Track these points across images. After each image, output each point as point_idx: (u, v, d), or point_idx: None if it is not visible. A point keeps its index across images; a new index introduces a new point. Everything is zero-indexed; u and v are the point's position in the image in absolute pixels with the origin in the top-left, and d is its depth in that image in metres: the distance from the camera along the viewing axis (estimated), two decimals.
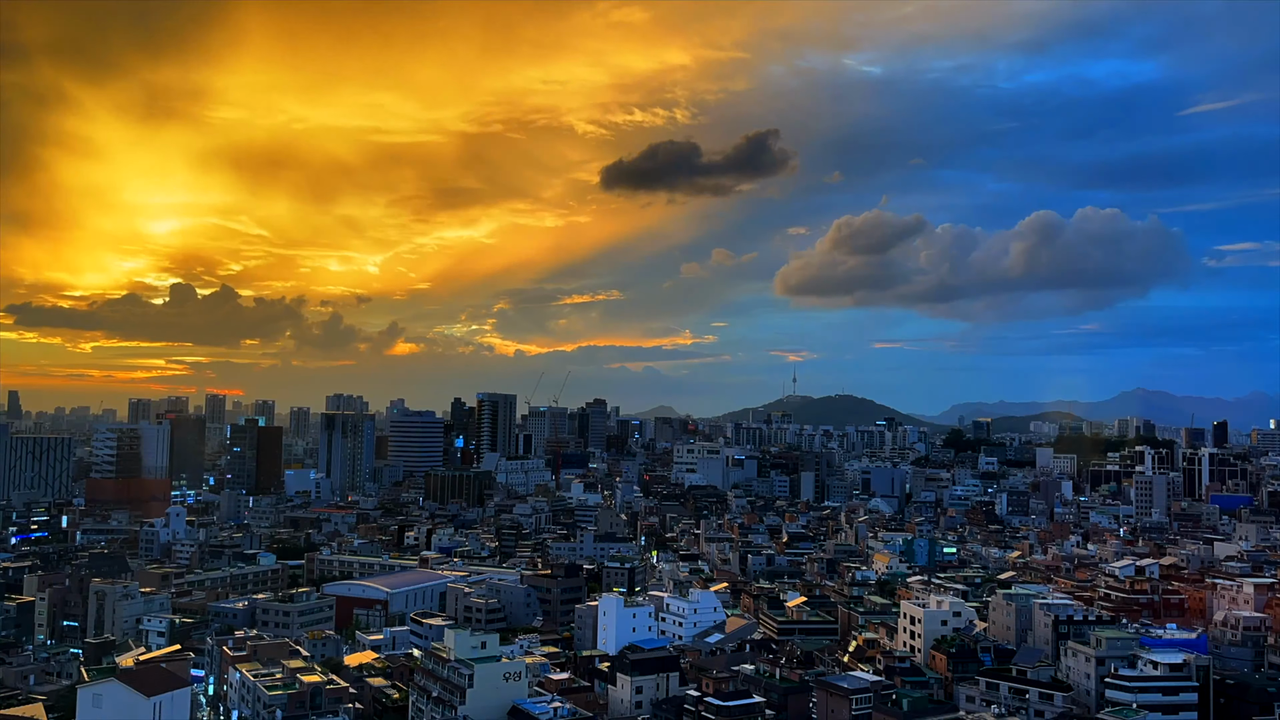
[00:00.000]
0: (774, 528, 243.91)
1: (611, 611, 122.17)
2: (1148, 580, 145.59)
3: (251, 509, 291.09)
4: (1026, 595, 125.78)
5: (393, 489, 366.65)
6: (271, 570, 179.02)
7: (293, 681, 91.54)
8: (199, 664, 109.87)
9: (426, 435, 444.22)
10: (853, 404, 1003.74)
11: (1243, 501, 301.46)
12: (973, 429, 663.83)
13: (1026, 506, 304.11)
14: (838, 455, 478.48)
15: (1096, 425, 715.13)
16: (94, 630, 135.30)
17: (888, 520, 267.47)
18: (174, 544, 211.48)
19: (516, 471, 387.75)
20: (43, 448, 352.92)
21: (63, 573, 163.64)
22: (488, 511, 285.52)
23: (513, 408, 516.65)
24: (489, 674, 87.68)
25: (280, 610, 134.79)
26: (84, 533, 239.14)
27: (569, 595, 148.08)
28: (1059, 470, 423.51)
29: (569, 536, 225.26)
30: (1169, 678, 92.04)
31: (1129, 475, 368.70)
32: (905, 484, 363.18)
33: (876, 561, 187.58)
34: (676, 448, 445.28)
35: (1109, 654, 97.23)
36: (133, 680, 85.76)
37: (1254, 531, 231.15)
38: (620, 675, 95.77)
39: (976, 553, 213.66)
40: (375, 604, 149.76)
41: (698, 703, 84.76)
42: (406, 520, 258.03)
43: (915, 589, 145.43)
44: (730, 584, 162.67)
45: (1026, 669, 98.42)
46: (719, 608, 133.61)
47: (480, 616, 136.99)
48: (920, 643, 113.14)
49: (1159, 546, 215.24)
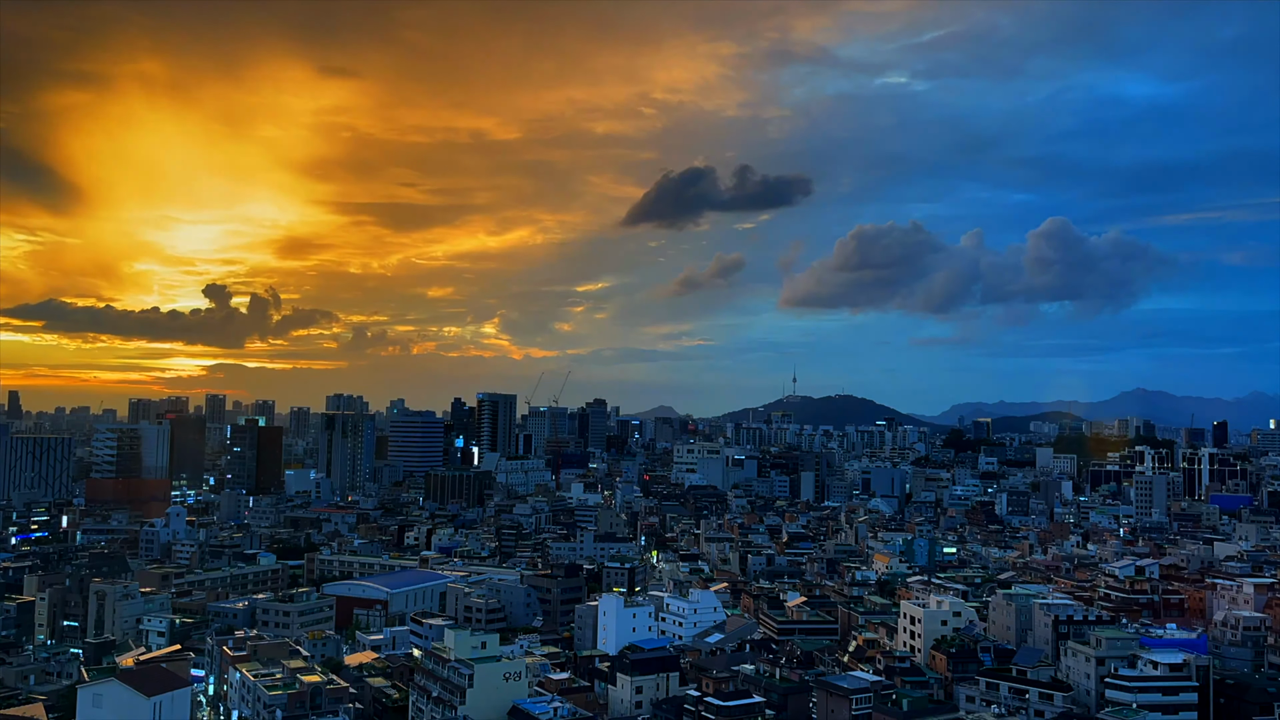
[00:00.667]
0: (774, 528, 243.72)
1: (611, 611, 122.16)
2: (1148, 580, 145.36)
3: (251, 509, 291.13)
4: (1026, 595, 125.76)
5: (393, 489, 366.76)
6: (271, 570, 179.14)
7: (293, 681, 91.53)
8: (199, 664, 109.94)
9: (426, 435, 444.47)
10: (853, 404, 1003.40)
11: (1243, 501, 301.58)
12: (973, 429, 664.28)
13: (1026, 506, 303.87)
14: (838, 455, 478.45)
15: (1096, 425, 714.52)
16: (94, 630, 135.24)
17: (888, 520, 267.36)
18: (174, 544, 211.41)
19: (516, 471, 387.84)
20: (43, 448, 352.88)
21: (63, 573, 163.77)
22: (488, 511, 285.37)
23: (513, 408, 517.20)
24: (489, 674, 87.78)
25: (280, 610, 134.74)
26: (84, 533, 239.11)
27: (569, 595, 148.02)
28: (1059, 470, 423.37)
29: (569, 536, 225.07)
30: (1169, 678, 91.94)
31: (1129, 475, 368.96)
32: (905, 484, 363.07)
33: (876, 561, 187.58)
34: (676, 448, 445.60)
35: (1109, 654, 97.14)
36: (133, 680, 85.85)
37: (1254, 531, 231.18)
38: (620, 675, 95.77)
39: (976, 553, 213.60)
40: (375, 604, 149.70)
41: (698, 703, 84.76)
42: (406, 520, 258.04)
43: (915, 589, 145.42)
44: (730, 584, 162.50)
45: (1026, 669, 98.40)
46: (719, 608, 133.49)
47: (480, 616, 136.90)
48: (920, 643, 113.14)
49: (1159, 546, 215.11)
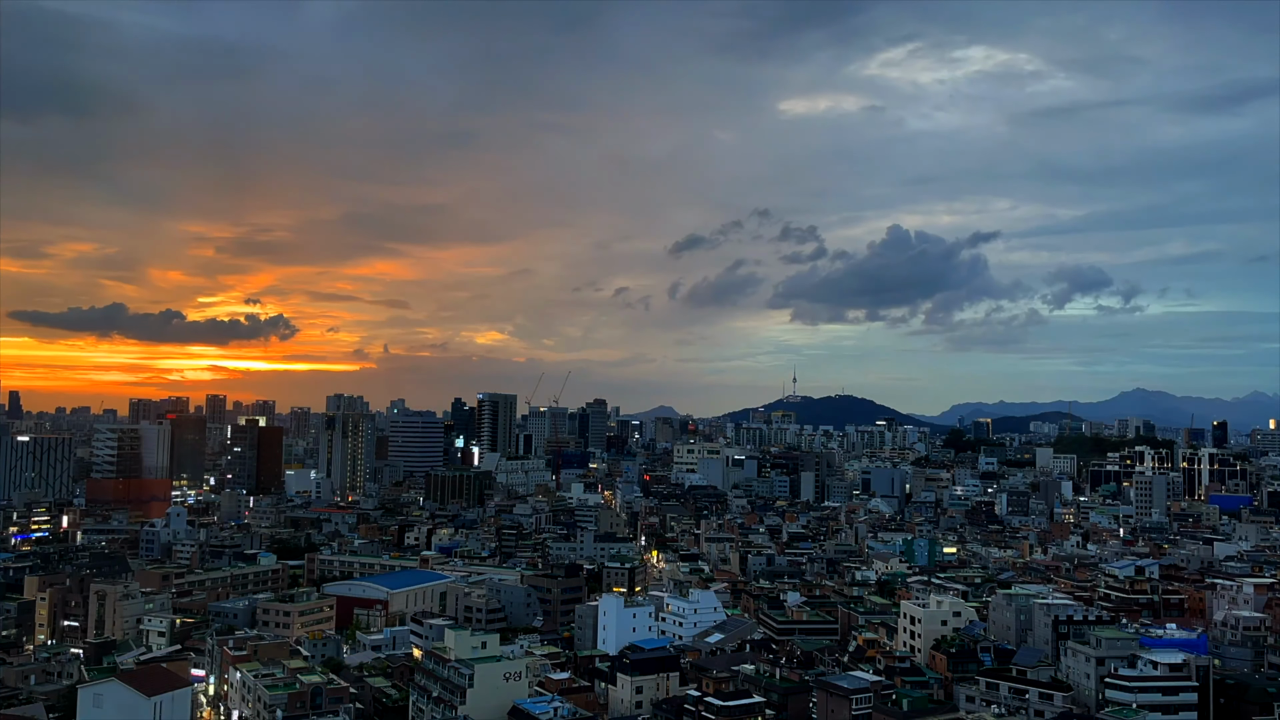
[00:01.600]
0: (774, 528, 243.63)
1: (611, 611, 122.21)
2: (1148, 580, 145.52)
3: (252, 509, 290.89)
4: (1026, 595, 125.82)
5: (393, 489, 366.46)
6: (272, 570, 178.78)
7: (293, 681, 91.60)
8: (199, 664, 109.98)
9: (427, 435, 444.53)
10: (853, 404, 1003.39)
11: (1242, 501, 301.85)
12: (973, 429, 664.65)
13: (1026, 507, 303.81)
14: (838, 455, 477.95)
15: (1096, 425, 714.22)
16: (94, 630, 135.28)
17: (888, 520, 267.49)
18: (174, 544, 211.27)
19: (516, 471, 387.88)
20: (43, 448, 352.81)
21: (63, 573, 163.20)
22: (488, 511, 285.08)
23: (513, 408, 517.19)
24: (489, 674, 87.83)
25: (280, 610, 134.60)
26: (84, 533, 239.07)
27: (569, 595, 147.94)
28: (1059, 470, 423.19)
29: (569, 536, 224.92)
30: (1169, 678, 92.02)
31: (1129, 475, 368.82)
32: (905, 484, 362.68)
33: (876, 561, 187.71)
34: (676, 448, 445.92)
35: (1109, 654, 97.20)
36: (133, 680, 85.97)
37: (1254, 531, 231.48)
38: (620, 675, 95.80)
39: (976, 553, 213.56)
40: (375, 604, 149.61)
41: (698, 703, 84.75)
42: (407, 520, 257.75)
43: (915, 589, 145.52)
44: (730, 584, 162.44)
45: (1026, 669, 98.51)
46: (719, 608, 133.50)
47: (480, 616, 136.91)
48: (920, 643, 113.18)
49: (1159, 546, 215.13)
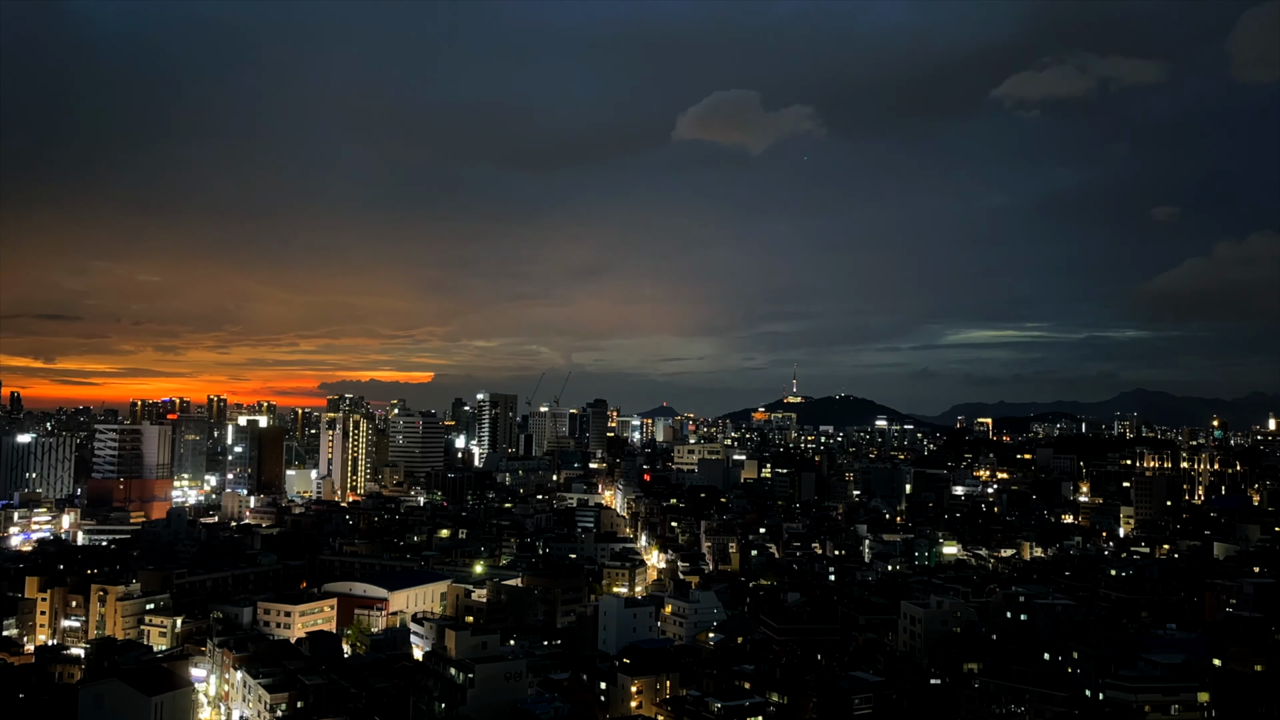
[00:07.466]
0: (774, 528, 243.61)
1: (611, 611, 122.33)
2: (1147, 580, 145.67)
3: (252, 509, 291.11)
4: (1026, 595, 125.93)
5: (393, 489, 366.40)
6: (272, 570, 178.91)
7: (293, 681, 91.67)
8: (200, 664, 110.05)
9: (427, 435, 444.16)
10: (853, 404, 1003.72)
11: (1242, 501, 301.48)
12: (972, 429, 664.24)
13: (1026, 507, 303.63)
14: (838, 455, 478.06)
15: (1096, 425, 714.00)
16: (95, 630, 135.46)
17: (888, 520, 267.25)
18: (175, 544, 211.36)
19: (517, 471, 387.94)
20: (44, 448, 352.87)
21: (63, 573, 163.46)
22: (488, 512, 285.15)
23: (513, 408, 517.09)
24: (489, 674, 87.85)
25: (281, 610, 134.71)
26: (85, 533, 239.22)
27: (569, 595, 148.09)
28: (1059, 470, 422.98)
29: (569, 536, 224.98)
30: (1169, 678, 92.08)
31: (1129, 475, 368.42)
32: (905, 484, 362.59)
33: (876, 561, 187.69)
34: (676, 448, 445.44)
35: (1109, 654, 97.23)
36: (133, 680, 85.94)
37: (1254, 531, 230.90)
38: (620, 675, 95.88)
39: (976, 553, 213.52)
40: (375, 604, 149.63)
41: (698, 703, 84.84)
42: (407, 520, 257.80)
43: (915, 589, 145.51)
44: (730, 584, 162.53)
45: (1027, 669, 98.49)
46: (719, 608, 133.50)
47: (480, 617, 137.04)
48: (920, 643, 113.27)
49: (1159, 546, 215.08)
